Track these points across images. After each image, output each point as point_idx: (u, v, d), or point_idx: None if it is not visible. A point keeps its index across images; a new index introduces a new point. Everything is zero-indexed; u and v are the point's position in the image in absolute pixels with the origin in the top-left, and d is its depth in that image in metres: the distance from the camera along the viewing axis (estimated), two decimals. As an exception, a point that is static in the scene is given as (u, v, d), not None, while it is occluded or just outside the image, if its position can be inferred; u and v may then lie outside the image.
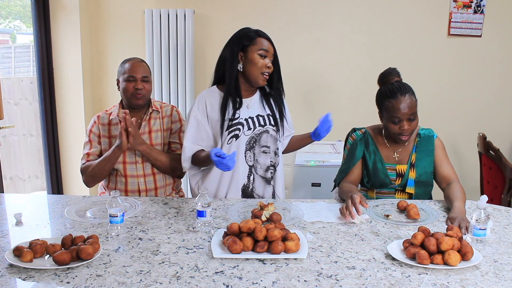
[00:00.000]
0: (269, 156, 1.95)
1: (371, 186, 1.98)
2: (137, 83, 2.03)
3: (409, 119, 1.83)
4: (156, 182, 2.09)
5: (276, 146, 1.97)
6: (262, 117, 1.94)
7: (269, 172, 1.96)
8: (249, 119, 1.91)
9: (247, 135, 1.91)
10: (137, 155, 2.06)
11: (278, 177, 2.00)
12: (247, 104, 1.92)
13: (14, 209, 1.73)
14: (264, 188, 1.97)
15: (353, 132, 2.04)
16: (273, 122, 1.95)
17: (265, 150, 1.94)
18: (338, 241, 1.46)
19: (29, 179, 3.96)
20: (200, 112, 1.90)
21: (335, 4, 3.46)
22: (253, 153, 1.93)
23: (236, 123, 1.89)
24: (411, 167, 1.93)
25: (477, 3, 3.35)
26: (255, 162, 1.94)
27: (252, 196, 1.97)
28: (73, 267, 1.26)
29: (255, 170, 1.95)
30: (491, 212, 1.71)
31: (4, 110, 2.74)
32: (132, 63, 2.06)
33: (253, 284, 1.18)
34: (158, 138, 2.11)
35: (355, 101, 3.54)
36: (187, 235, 1.51)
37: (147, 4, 3.47)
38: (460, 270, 1.26)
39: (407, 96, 1.82)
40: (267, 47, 1.85)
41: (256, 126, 1.92)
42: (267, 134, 1.94)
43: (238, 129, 1.89)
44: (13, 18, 4.57)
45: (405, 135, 1.86)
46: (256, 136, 1.92)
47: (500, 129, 3.53)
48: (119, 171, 2.06)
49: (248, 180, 1.95)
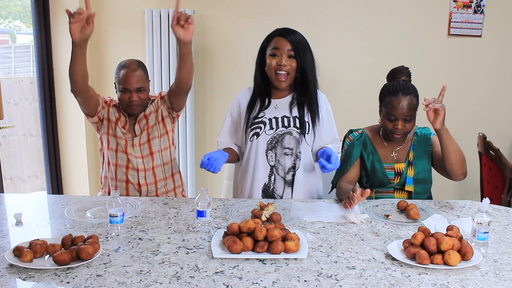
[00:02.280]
0: (291, 158, 1.94)
1: (370, 186, 1.98)
2: (132, 95, 2.00)
3: (404, 120, 1.84)
4: (156, 176, 2.11)
5: (299, 150, 1.93)
6: (288, 118, 1.93)
7: (290, 174, 1.95)
8: (273, 119, 1.92)
9: (269, 134, 1.92)
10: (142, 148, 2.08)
11: (299, 180, 1.96)
12: (276, 104, 1.95)
13: (14, 209, 1.73)
14: (284, 190, 1.97)
15: (350, 133, 2.04)
16: (298, 124, 1.92)
17: (287, 152, 1.93)
18: (338, 241, 1.46)
19: (29, 179, 3.96)
20: (234, 109, 2.02)
21: (335, 4, 3.45)
22: (274, 153, 1.94)
23: (259, 121, 1.93)
24: (409, 165, 1.93)
25: (477, 3, 3.35)
26: (276, 162, 1.95)
27: (273, 197, 1.98)
28: (73, 267, 1.26)
29: (276, 171, 1.96)
30: (491, 212, 1.71)
31: (4, 110, 2.74)
32: (126, 73, 1.99)
33: (253, 284, 1.18)
34: (155, 131, 2.10)
35: (355, 101, 3.54)
36: (187, 235, 1.51)
37: (147, 4, 3.46)
38: (460, 270, 1.26)
39: (408, 97, 1.82)
40: (279, 45, 1.86)
41: (279, 127, 1.92)
42: (290, 136, 1.92)
43: (259, 127, 1.92)
44: (13, 18, 4.57)
45: (397, 134, 1.88)
46: (279, 137, 1.92)
47: (500, 129, 3.53)
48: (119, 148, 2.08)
49: (269, 180, 1.96)
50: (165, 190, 2.15)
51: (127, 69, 2.01)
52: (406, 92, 1.83)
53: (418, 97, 1.87)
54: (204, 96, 3.55)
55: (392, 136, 1.90)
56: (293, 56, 1.87)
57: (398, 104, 1.82)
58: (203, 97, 3.55)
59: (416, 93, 1.87)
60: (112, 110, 2.11)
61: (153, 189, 2.11)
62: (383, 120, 1.89)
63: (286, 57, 1.85)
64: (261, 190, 1.97)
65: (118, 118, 2.09)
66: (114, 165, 2.11)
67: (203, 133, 3.59)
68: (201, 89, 3.53)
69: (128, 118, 2.10)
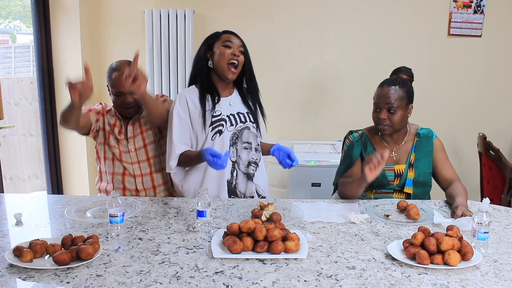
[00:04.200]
0: (251, 152, 1.99)
1: (369, 187, 1.97)
2: (125, 98, 1.98)
3: (388, 110, 1.84)
4: (154, 181, 2.09)
5: (257, 143, 2.01)
6: (243, 114, 1.98)
7: (250, 168, 1.99)
8: (230, 115, 1.96)
9: (230, 131, 1.94)
10: (138, 154, 2.05)
11: (260, 174, 2.03)
12: (230, 102, 1.98)
13: (14, 209, 1.73)
14: (246, 185, 1.99)
15: (350, 134, 2.04)
16: (252, 119, 1.99)
17: (247, 146, 1.98)
18: (338, 241, 1.46)
19: (29, 179, 3.96)
20: (182, 109, 1.92)
21: (335, 4, 3.46)
22: (235, 149, 1.96)
23: (219, 119, 1.93)
24: (409, 167, 1.93)
25: (477, 3, 3.35)
26: (238, 158, 1.97)
27: (235, 193, 1.98)
28: (73, 267, 1.26)
29: (238, 166, 1.98)
30: (491, 212, 1.71)
31: (4, 110, 2.74)
32: (118, 75, 1.95)
33: (253, 284, 1.18)
34: (150, 136, 2.08)
35: (355, 101, 3.54)
36: (187, 235, 1.51)
37: (147, 4, 3.47)
38: (460, 270, 1.26)
39: (394, 87, 1.84)
40: (232, 39, 1.92)
41: (238, 123, 1.96)
42: (248, 130, 1.98)
43: (221, 125, 1.93)
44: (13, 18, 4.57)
45: (381, 125, 1.86)
46: (238, 132, 1.96)
47: (500, 129, 3.53)
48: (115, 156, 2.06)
49: (231, 176, 1.98)
50: (164, 195, 2.13)
51: (119, 71, 1.97)
52: (392, 83, 1.85)
53: (408, 92, 1.87)
54: (204, 96, 3.55)
55: (379, 129, 1.89)
56: (242, 52, 1.93)
57: (382, 93, 1.85)
58: (203, 97, 3.54)
59: (406, 86, 1.86)
60: (108, 117, 2.09)
61: (151, 194, 2.10)
62: (372, 113, 1.91)
63: (238, 51, 1.91)
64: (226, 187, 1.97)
65: (114, 123, 2.07)
66: (111, 174, 2.09)
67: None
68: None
69: (123, 121, 2.07)
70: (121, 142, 2.06)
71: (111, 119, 2.09)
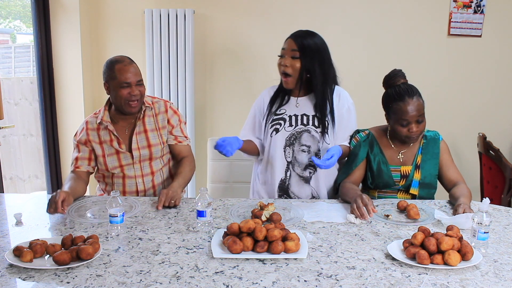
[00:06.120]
0: (308, 156, 1.97)
1: (374, 187, 1.97)
2: (132, 89, 1.90)
3: (417, 121, 1.82)
4: (154, 181, 2.08)
5: (318, 148, 1.96)
6: (307, 116, 1.97)
7: (307, 171, 1.98)
8: (293, 116, 1.98)
9: (288, 131, 1.97)
10: (134, 157, 2.01)
11: (321, 178, 1.99)
12: (297, 102, 1.99)
13: (14, 209, 1.73)
14: (301, 187, 1.99)
15: (357, 133, 2.03)
16: (317, 123, 1.96)
17: (304, 149, 1.97)
18: (338, 241, 1.46)
19: (29, 179, 3.96)
20: (257, 102, 2.10)
21: (334, 4, 3.45)
22: (292, 149, 1.97)
23: (279, 118, 1.99)
24: (416, 168, 1.92)
25: (477, 3, 3.35)
26: (293, 159, 1.98)
27: (287, 193, 2.00)
28: (73, 267, 1.26)
29: (293, 167, 1.99)
30: (491, 212, 1.71)
31: (4, 110, 2.74)
32: (123, 66, 1.90)
33: (253, 284, 1.18)
34: (156, 137, 2.03)
35: (355, 101, 3.53)
36: (187, 235, 1.51)
37: (147, 4, 3.46)
38: (460, 270, 1.26)
39: (415, 98, 1.82)
40: (285, 45, 1.95)
41: (298, 124, 1.97)
42: (308, 133, 1.96)
43: (279, 123, 1.98)
44: (13, 18, 4.57)
45: (414, 137, 1.85)
46: (297, 134, 1.97)
47: (500, 129, 3.52)
48: (115, 174, 2.03)
49: (285, 176, 2.00)
50: None
51: (123, 63, 1.91)
52: (411, 94, 1.82)
53: (421, 96, 1.86)
54: (204, 96, 3.55)
55: (409, 140, 1.87)
56: (297, 57, 1.89)
57: (407, 108, 1.80)
58: (203, 97, 3.55)
59: (419, 92, 1.86)
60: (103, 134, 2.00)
61: (151, 194, 2.10)
62: (396, 127, 1.86)
63: (290, 58, 1.90)
64: (277, 185, 2.01)
65: (111, 140, 1.99)
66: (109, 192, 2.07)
67: (203, 133, 3.58)
68: (201, 89, 3.53)
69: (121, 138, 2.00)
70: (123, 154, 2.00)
71: (106, 135, 2.00)
